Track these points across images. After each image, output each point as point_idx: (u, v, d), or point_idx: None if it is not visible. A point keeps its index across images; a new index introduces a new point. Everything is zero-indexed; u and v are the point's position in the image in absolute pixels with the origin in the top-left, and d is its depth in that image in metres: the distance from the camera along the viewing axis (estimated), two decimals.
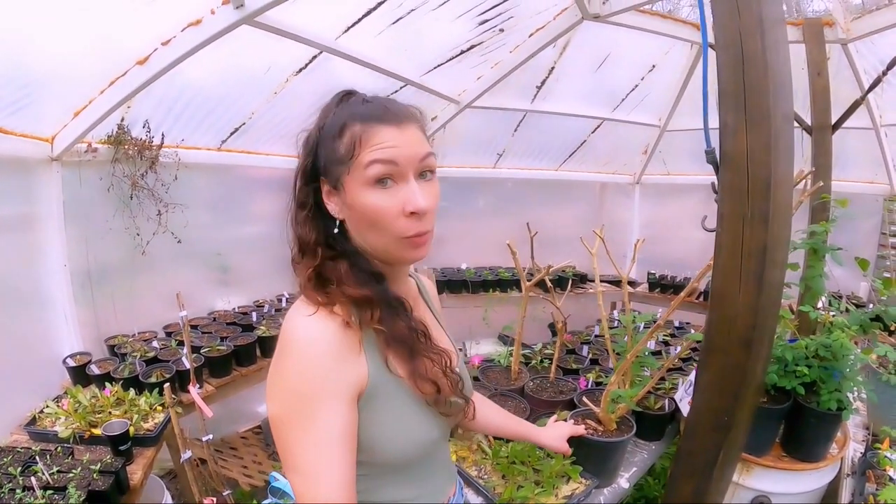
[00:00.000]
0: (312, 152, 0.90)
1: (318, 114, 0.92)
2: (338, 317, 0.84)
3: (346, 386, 0.82)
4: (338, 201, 0.89)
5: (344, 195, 0.87)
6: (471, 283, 4.52)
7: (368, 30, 2.73)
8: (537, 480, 1.72)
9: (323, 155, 0.89)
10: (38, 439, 2.09)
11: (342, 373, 0.82)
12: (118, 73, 2.32)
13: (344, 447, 0.80)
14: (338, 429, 0.80)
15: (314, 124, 0.92)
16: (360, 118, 0.85)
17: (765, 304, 1.18)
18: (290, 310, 0.87)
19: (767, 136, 1.14)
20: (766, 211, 1.15)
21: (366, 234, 0.88)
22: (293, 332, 0.83)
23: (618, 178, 5.48)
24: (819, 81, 2.48)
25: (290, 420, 0.80)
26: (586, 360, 2.83)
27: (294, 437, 0.80)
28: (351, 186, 0.85)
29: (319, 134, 0.89)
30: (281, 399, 0.82)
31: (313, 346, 0.81)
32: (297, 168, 0.92)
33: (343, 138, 0.85)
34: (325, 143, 0.88)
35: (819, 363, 1.81)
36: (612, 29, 3.24)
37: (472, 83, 3.76)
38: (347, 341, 0.83)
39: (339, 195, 0.88)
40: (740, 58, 1.15)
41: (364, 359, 0.86)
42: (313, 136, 0.91)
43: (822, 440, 1.88)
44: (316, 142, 0.90)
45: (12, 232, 2.41)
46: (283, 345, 0.84)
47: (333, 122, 0.87)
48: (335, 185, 0.88)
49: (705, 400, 1.32)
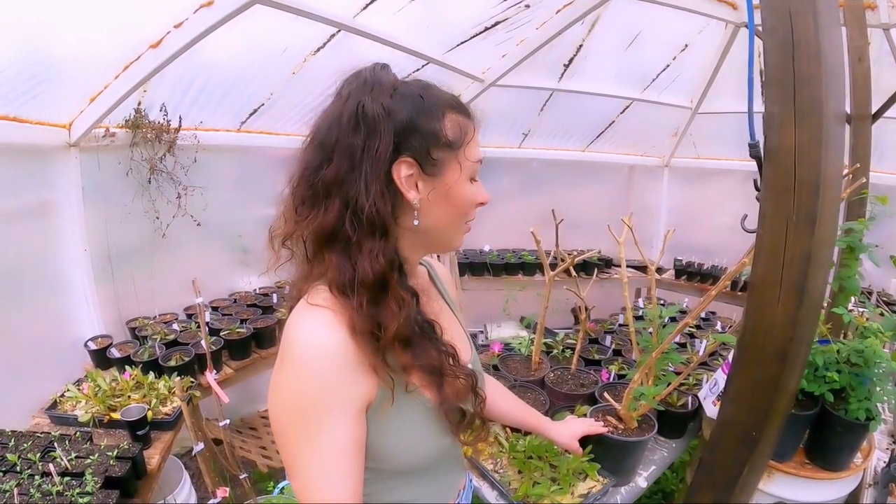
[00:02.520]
0: (403, 128, 0.79)
1: (376, 86, 0.81)
2: (346, 320, 0.78)
3: (354, 398, 0.78)
4: (427, 187, 0.82)
5: (439, 182, 0.83)
6: (493, 266, 4.45)
7: (388, 6, 2.64)
8: (554, 477, 1.69)
9: (419, 135, 0.80)
10: (59, 423, 2.13)
11: (350, 385, 0.78)
12: (132, 57, 2.29)
13: (350, 461, 0.77)
14: (344, 442, 0.77)
15: (374, 97, 0.80)
16: (454, 108, 0.84)
17: (804, 315, 1.09)
18: (295, 311, 0.82)
19: (818, 130, 1.03)
20: (813, 213, 1.04)
21: (445, 223, 0.87)
22: (298, 337, 0.78)
23: (647, 160, 5.31)
24: (860, 68, 2.30)
25: (295, 432, 0.77)
26: (609, 351, 2.78)
27: (297, 449, 0.77)
28: (452, 176, 0.84)
29: (412, 110, 0.80)
30: (284, 410, 0.78)
31: (320, 355, 0.76)
32: (368, 139, 0.79)
33: (445, 123, 0.82)
34: (421, 122, 0.80)
35: (850, 369, 1.71)
36: (644, 6, 3.08)
37: (497, 61, 3.63)
38: (357, 349, 0.78)
39: (432, 181, 0.82)
40: (790, 41, 1.03)
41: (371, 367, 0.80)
42: (399, 109, 0.80)
43: (847, 449, 1.80)
44: (410, 118, 0.80)
45: (33, 218, 2.43)
46: (287, 350, 0.78)
47: (430, 103, 0.81)
48: (432, 170, 0.82)
49: (733, 413, 1.24)
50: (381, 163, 0.78)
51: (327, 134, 0.81)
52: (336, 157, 0.80)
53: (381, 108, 0.79)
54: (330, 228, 0.80)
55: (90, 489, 1.59)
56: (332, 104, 0.84)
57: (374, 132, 0.78)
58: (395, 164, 0.79)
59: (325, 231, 0.81)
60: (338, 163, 0.80)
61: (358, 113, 0.79)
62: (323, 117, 0.84)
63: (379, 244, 0.80)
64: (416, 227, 0.84)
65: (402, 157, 0.79)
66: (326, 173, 0.80)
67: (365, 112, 0.78)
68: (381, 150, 0.78)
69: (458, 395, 0.88)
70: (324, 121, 0.83)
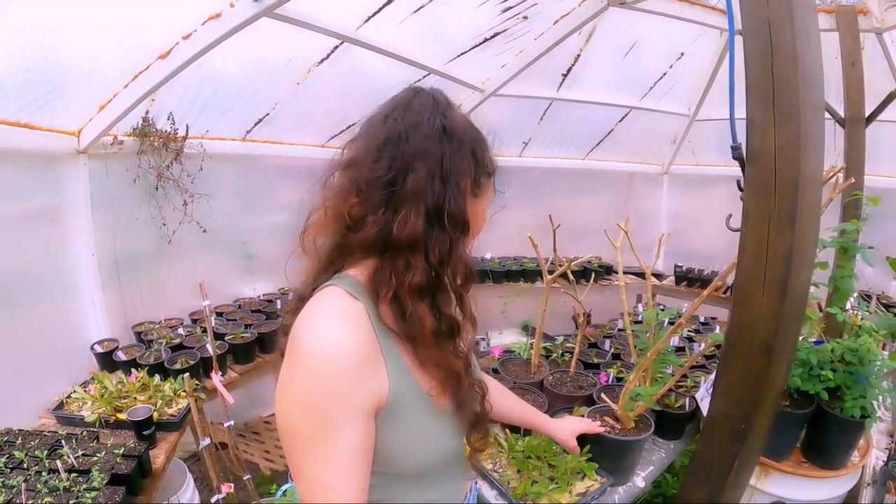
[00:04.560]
0: (471, 153, 0.88)
1: (449, 108, 0.88)
2: (358, 319, 0.79)
3: (364, 401, 0.78)
4: (466, 204, 0.88)
5: (476, 204, 0.92)
6: (495, 274, 4.50)
7: (390, 18, 2.70)
8: (552, 476, 1.71)
9: (476, 161, 0.89)
10: (65, 423, 2.16)
11: (361, 388, 0.77)
12: (141, 67, 2.35)
13: (357, 465, 0.77)
14: (353, 446, 0.76)
15: (452, 116, 0.87)
16: (489, 146, 0.95)
17: (788, 310, 1.13)
18: (306, 310, 0.81)
19: (797, 131, 1.08)
20: (793, 212, 1.09)
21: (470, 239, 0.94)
22: (311, 338, 0.77)
23: (646, 167, 5.35)
24: (853, 72, 2.35)
25: (302, 434, 0.76)
26: (608, 355, 2.80)
27: (305, 451, 0.76)
28: (485, 201, 0.95)
29: (473, 138, 0.90)
30: (294, 412, 0.77)
31: (331, 356, 0.75)
32: (456, 152, 0.85)
33: (489, 155, 0.93)
34: (479, 151, 0.90)
35: (844, 368, 1.74)
36: (639, 15, 3.14)
37: (497, 71, 3.69)
38: (368, 349, 0.79)
39: (473, 202, 0.90)
40: (769, 47, 1.09)
41: (384, 369, 0.81)
42: (469, 134, 0.89)
43: (843, 447, 1.82)
44: (474, 145, 0.89)
45: (42, 223, 2.48)
46: (297, 349, 0.77)
47: (482, 137, 0.93)
48: (476, 192, 0.91)
49: (723, 406, 1.28)
50: (465, 175, 0.86)
51: (402, 140, 0.83)
52: (419, 165, 0.82)
53: (462, 129, 0.87)
54: (420, 231, 0.81)
55: (97, 485, 1.62)
56: (397, 113, 0.85)
57: (460, 148, 0.85)
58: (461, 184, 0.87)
59: (417, 233, 0.81)
60: (423, 171, 0.81)
61: (444, 127, 0.84)
62: (389, 124, 0.85)
63: (465, 241, 0.88)
64: None
65: (465, 179, 0.87)
66: (412, 179, 0.81)
67: (449, 128, 0.85)
68: (466, 166, 0.86)
69: (471, 399, 0.92)
70: (391, 128, 0.84)
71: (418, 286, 0.81)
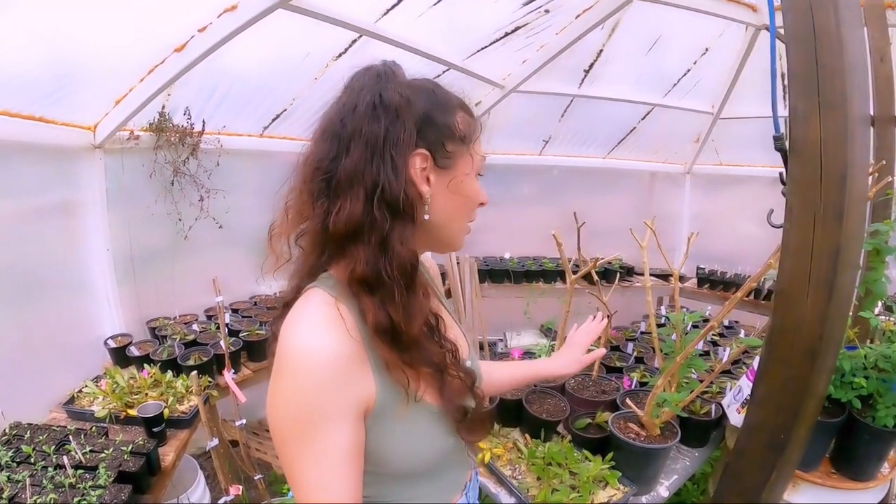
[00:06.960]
0: (420, 119, 0.79)
1: (392, 78, 0.81)
2: (338, 321, 0.76)
3: (351, 404, 0.76)
4: (438, 181, 0.82)
5: (451, 176, 0.83)
6: (514, 273, 4.43)
7: (409, 12, 2.65)
8: (573, 485, 1.65)
9: (434, 127, 0.80)
10: (75, 418, 2.15)
11: (348, 390, 0.75)
12: (156, 61, 2.33)
13: (348, 467, 0.75)
14: (341, 449, 0.75)
15: (392, 87, 0.79)
16: (462, 107, 0.86)
17: (834, 311, 1.05)
18: (290, 315, 0.79)
19: (843, 122, 1.00)
20: (840, 206, 1.01)
21: (452, 218, 0.87)
22: (293, 343, 0.75)
23: (668, 167, 5.24)
24: (882, 68, 2.23)
25: (292, 439, 0.75)
26: (631, 359, 2.74)
27: (294, 455, 0.75)
28: (465, 168, 0.85)
29: (427, 102, 0.81)
30: (283, 418, 0.76)
31: (320, 361, 0.73)
32: (391, 126, 0.77)
33: (457, 117, 0.83)
34: (436, 115, 0.81)
35: (877, 375, 1.66)
36: (664, 9, 3.04)
37: (517, 67, 3.63)
38: (351, 351, 0.76)
39: (444, 174, 0.82)
40: (812, 33, 1.01)
41: (369, 370, 0.78)
42: (416, 101, 0.79)
43: (874, 458, 1.75)
44: (427, 110, 0.80)
45: (57, 217, 2.47)
46: (282, 356, 0.76)
47: (442, 98, 0.83)
48: (444, 163, 0.82)
49: (761, 416, 1.20)
50: (406, 149, 0.77)
51: (341, 125, 0.79)
52: (354, 147, 0.77)
53: (400, 97, 0.78)
54: (358, 219, 0.76)
55: (103, 482, 1.60)
56: (343, 96, 0.82)
57: (396, 120, 0.77)
58: (410, 157, 0.78)
59: (354, 222, 0.77)
60: (358, 152, 0.77)
61: (376, 101, 0.77)
62: (334, 109, 0.82)
63: (409, 229, 0.79)
64: (425, 223, 0.82)
65: (416, 150, 0.79)
66: (346, 163, 0.77)
67: (384, 100, 0.77)
68: (406, 137, 0.77)
69: (458, 395, 0.87)
70: (335, 112, 0.81)
71: (360, 279, 0.77)
